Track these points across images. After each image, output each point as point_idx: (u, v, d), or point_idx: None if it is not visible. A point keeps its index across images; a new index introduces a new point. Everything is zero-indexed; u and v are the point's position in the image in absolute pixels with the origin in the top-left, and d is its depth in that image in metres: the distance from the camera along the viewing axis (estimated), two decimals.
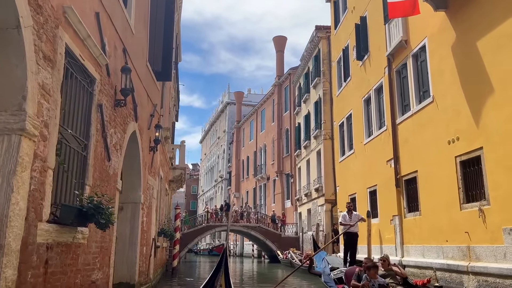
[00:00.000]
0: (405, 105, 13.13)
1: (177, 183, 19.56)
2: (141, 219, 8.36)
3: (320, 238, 23.34)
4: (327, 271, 10.15)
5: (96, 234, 5.36)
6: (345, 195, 18.33)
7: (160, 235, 12.71)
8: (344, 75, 18.92)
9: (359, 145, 16.61)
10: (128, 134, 7.10)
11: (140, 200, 8.24)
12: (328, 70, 24.45)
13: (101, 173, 5.56)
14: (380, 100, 15.10)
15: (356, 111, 17.20)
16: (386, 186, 13.91)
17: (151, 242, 9.64)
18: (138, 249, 8.15)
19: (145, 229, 8.97)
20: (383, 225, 14.18)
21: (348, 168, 18.10)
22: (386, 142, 14.05)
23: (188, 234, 28.72)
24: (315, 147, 25.40)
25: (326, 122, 23.94)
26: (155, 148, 9.40)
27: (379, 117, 15.15)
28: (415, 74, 12.43)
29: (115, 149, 6.33)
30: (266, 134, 39.63)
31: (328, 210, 23.02)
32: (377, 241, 14.51)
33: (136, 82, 7.79)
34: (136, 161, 8.11)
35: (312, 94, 26.44)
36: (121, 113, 6.65)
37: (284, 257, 24.08)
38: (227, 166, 53.53)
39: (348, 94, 18.30)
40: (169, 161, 16.44)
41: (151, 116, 9.33)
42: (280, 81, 36.19)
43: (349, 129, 18.32)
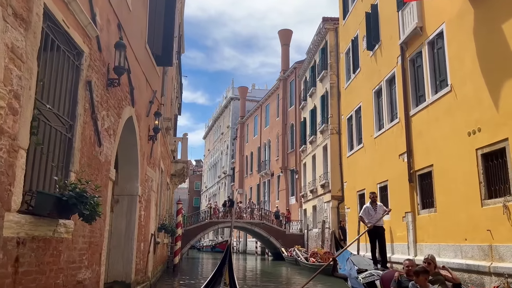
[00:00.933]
0: (419, 96, 12.44)
1: (179, 178, 18.95)
2: (138, 212, 7.75)
3: (326, 235, 22.69)
4: (353, 274, 9.08)
5: (84, 228, 4.74)
6: (353, 191, 17.67)
7: (160, 231, 12.11)
8: (353, 67, 18.22)
9: (369, 139, 15.93)
10: (123, 119, 6.47)
11: (138, 192, 7.63)
12: (335, 63, 23.75)
13: (90, 159, 4.93)
14: (392, 92, 14.41)
15: (365, 103, 16.51)
16: (398, 181, 13.24)
17: (150, 238, 9.04)
18: (135, 245, 7.54)
19: (143, 223, 8.36)
20: (394, 222, 13.51)
21: (356, 163, 17.42)
22: (398, 135, 13.36)
23: (190, 230, 28.18)
24: (321, 142, 24.73)
25: (333, 116, 23.25)
26: (154, 137, 8.78)
27: (390, 109, 14.46)
28: (431, 62, 11.73)
29: (108, 134, 5.70)
30: (270, 129, 38.97)
31: (334, 206, 22.36)
32: (388, 239, 13.83)
33: (133, 64, 7.16)
34: (133, 150, 7.48)
35: (319, 87, 25.75)
36: (115, 95, 6.01)
37: (289, 254, 23.46)
38: (230, 162, 52.92)
39: (357, 86, 17.60)
40: (171, 154, 15.83)
41: (150, 102, 8.71)
42: (285, 75, 35.48)
43: (358, 123, 17.63)
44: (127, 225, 7.45)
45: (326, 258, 16.40)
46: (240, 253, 42.06)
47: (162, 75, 10.64)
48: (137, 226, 7.65)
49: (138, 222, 7.78)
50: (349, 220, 18.29)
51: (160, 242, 11.76)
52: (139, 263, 8.04)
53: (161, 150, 12.52)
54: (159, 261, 13.12)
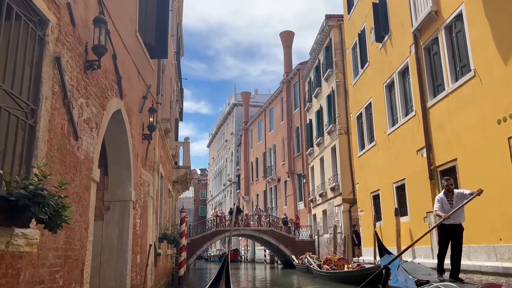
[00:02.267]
0: (437, 85, 11.50)
1: (182, 185, 18.02)
2: (132, 220, 6.83)
3: (338, 241, 21.64)
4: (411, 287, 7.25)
5: (56, 239, 3.83)
6: (366, 193, 16.68)
7: (161, 241, 11.17)
8: (361, 62, 17.32)
9: (382, 136, 14.97)
10: (109, 112, 5.58)
11: (131, 197, 6.71)
12: (341, 60, 22.87)
13: (63, 155, 4.03)
14: (406, 84, 13.48)
15: (376, 99, 15.58)
16: (417, 179, 12.26)
17: (148, 249, 8.11)
18: (129, 257, 6.61)
19: (139, 233, 7.44)
20: (414, 223, 12.51)
21: (369, 162, 16.45)
22: (415, 130, 12.41)
23: (196, 240, 27.24)
24: (329, 144, 23.76)
25: (340, 115, 22.31)
26: (149, 137, 7.88)
27: (404, 103, 13.52)
28: (449, 48, 10.80)
29: (89, 127, 4.81)
30: (275, 134, 38.05)
31: (346, 210, 21.34)
32: (408, 242, 12.82)
33: (121, 51, 6.29)
34: (124, 150, 6.59)
35: (324, 87, 24.84)
36: (98, 82, 5.13)
37: (300, 262, 22.39)
38: (235, 169, 51.97)
39: (366, 81, 16.69)
40: (172, 160, 14.93)
41: (143, 98, 7.83)
42: (289, 78, 34.63)
43: (368, 120, 16.69)
44: (120, 235, 6.53)
45: (340, 265, 15.36)
46: (248, 262, 40.93)
47: (157, 70, 9.79)
48: (131, 235, 6.73)
49: (132, 232, 6.86)
50: (363, 223, 17.28)
51: (161, 253, 10.82)
52: (136, 278, 7.11)
53: (160, 154, 11.63)
54: (162, 274, 12.17)
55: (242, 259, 43.09)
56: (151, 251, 8.34)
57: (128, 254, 6.53)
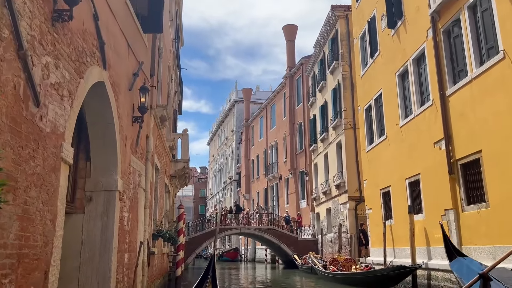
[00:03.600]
0: (458, 71, 10.56)
1: (181, 180, 17.07)
2: (118, 213, 5.89)
3: (343, 240, 20.70)
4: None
5: (3, 231, 2.88)
6: (375, 190, 15.73)
7: (156, 239, 10.22)
8: (371, 51, 16.37)
9: (394, 128, 14.02)
10: (88, 81, 4.63)
11: (117, 187, 5.76)
12: (347, 52, 21.92)
13: (16, 123, 3.09)
14: (421, 71, 12.53)
15: (388, 89, 14.63)
16: (433, 174, 11.32)
17: (139, 247, 7.17)
18: (114, 256, 5.67)
19: (127, 228, 6.50)
20: (430, 222, 11.57)
21: (378, 157, 15.50)
22: (432, 120, 11.46)
23: (195, 238, 26.32)
24: (334, 139, 22.80)
25: (347, 109, 21.35)
26: (141, 120, 6.94)
27: (420, 92, 12.58)
28: (473, 29, 9.85)
29: (58, 94, 3.86)
30: (277, 130, 37.06)
31: (352, 208, 20.37)
32: (423, 242, 11.91)
33: (106, 13, 5.35)
34: (108, 131, 5.64)
35: (329, 80, 23.88)
36: (72, 41, 4.19)
37: (303, 262, 21.44)
38: (236, 167, 50.99)
39: (376, 71, 15.74)
40: (169, 152, 13.98)
41: (134, 75, 6.88)
42: (292, 73, 33.63)
43: (378, 112, 15.74)
44: (104, 230, 5.59)
45: (348, 266, 14.43)
46: (248, 261, 39.97)
47: (152, 49, 8.83)
48: (117, 231, 5.78)
49: (119, 226, 5.92)
50: (371, 222, 16.33)
51: (155, 252, 9.88)
52: (122, 280, 6.17)
53: (156, 143, 10.68)
54: (156, 274, 11.23)
55: (242, 259, 42.14)
56: (142, 249, 7.40)
57: (113, 253, 5.58)
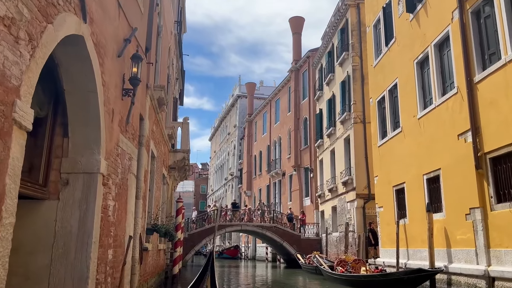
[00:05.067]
0: (490, 55, 9.53)
1: (180, 172, 16.09)
2: (101, 201, 4.90)
3: (350, 240, 19.70)
4: None
5: None
6: (387, 187, 14.73)
7: (150, 233, 9.24)
8: (385, 38, 15.35)
9: (411, 120, 13.00)
10: (58, 29, 3.63)
11: (99, 168, 4.78)
12: (358, 42, 20.89)
13: None
14: (444, 57, 11.51)
15: (404, 79, 13.61)
16: (457, 169, 10.31)
17: (128, 242, 6.19)
18: (95, 252, 4.68)
19: (113, 220, 5.51)
20: (451, 221, 10.57)
21: (392, 152, 14.49)
22: (456, 110, 10.45)
23: (195, 235, 25.38)
24: (341, 134, 21.78)
25: (356, 103, 20.32)
26: (132, 94, 5.94)
27: (442, 80, 11.56)
28: (508, 7, 8.83)
29: (10, 33, 2.87)
30: (281, 125, 36.04)
31: (360, 206, 19.36)
32: (442, 243, 10.91)
33: None
34: (90, 101, 4.65)
35: (338, 73, 22.85)
36: None
37: (307, 261, 20.45)
38: (238, 163, 49.99)
39: (391, 60, 14.72)
40: (168, 141, 12.99)
41: (125, 41, 5.88)
42: (298, 66, 32.58)
43: (393, 104, 14.72)
44: (82, 221, 4.61)
45: (357, 267, 13.43)
46: (249, 259, 39.01)
47: (148, 18, 7.82)
48: (98, 222, 4.80)
49: (102, 217, 4.94)
50: (381, 221, 15.32)
51: (149, 248, 8.90)
52: (105, 280, 5.19)
53: (152, 129, 9.70)
54: (151, 272, 10.26)
55: (242, 257, 41.18)
56: (132, 245, 6.42)
57: (93, 248, 4.60)
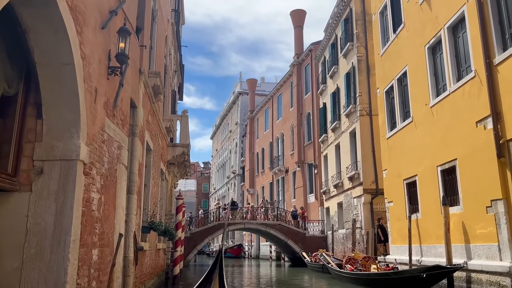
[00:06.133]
0: (511, 34, 8.81)
1: (180, 168, 15.41)
2: (82, 193, 4.22)
3: (358, 237, 19.00)
4: None
5: None
6: (397, 180, 14.02)
7: (147, 231, 8.56)
8: (393, 25, 14.64)
9: (422, 109, 12.29)
10: None
11: (79, 155, 4.09)
12: (363, 32, 20.17)
13: None
14: (459, 40, 10.79)
15: (414, 66, 12.90)
16: (475, 158, 9.61)
17: (118, 241, 5.50)
18: (74, 253, 4.00)
19: (98, 215, 4.82)
20: (470, 215, 9.87)
21: (402, 144, 13.79)
22: (474, 95, 9.74)
23: (197, 234, 24.70)
24: (347, 128, 21.07)
25: (362, 94, 19.60)
26: (120, 73, 5.24)
27: (456, 65, 10.84)
28: None
29: None
30: (283, 121, 35.32)
31: (367, 202, 18.66)
32: (460, 238, 10.21)
33: None
34: (66, 75, 3.97)
35: (342, 65, 22.13)
36: None
37: (313, 260, 19.77)
38: (240, 161, 49.31)
39: (400, 47, 14.00)
40: (166, 135, 12.31)
41: (111, 12, 5.19)
42: (300, 60, 31.84)
43: (402, 93, 14.01)
44: (58, 216, 3.93)
45: (368, 265, 12.74)
46: (252, 258, 38.35)
47: None
48: (79, 217, 4.12)
49: (83, 211, 4.26)
50: (392, 216, 14.62)
51: (144, 247, 8.21)
52: (88, 285, 4.49)
53: (148, 119, 9.02)
54: (148, 274, 9.59)
55: (245, 255, 40.52)
56: (123, 244, 5.74)
57: (72, 247, 3.92)
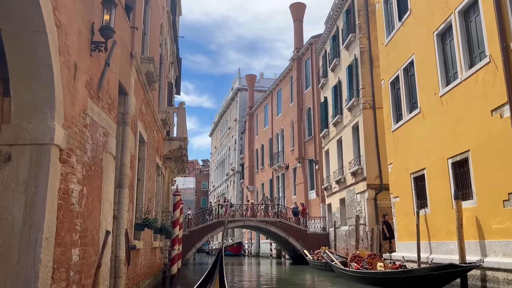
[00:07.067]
0: None
1: (177, 163, 14.82)
2: (58, 183, 3.63)
3: (361, 234, 18.45)
4: None
5: None
6: (403, 175, 13.46)
7: (141, 229, 7.97)
8: (399, 13, 14.05)
9: (431, 99, 11.72)
10: None
11: (53, 138, 3.50)
12: (365, 23, 19.57)
13: None
14: (471, 25, 10.20)
15: (422, 54, 12.32)
16: (491, 149, 9.04)
17: (104, 239, 4.90)
18: (47, 253, 3.41)
19: (79, 209, 4.22)
20: (485, 209, 9.30)
21: (408, 136, 13.21)
22: (489, 82, 9.16)
23: (196, 232, 24.20)
24: (349, 122, 20.49)
25: (365, 87, 19.02)
26: (105, 49, 4.63)
27: (468, 51, 10.26)
28: None
29: None
30: (283, 117, 34.72)
31: (371, 198, 18.09)
32: (473, 234, 9.65)
33: None
34: (37, 45, 3.37)
35: (344, 57, 21.53)
36: None
37: (316, 257, 19.21)
38: (239, 158, 48.73)
39: (406, 35, 13.42)
40: (162, 127, 11.71)
41: None
42: (300, 54, 31.23)
43: (409, 83, 13.43)
44: (28, 210, 3.34)
45: (374, 263, 12.18)
46: (252, 256, 37.82)
47: None
48: (54, 212, 3.54)
49: (60, 205, 3.67)
50: (397, 212, 14.06)
51: (137, 246, 7.62)
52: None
53: (141, 108, 8.43)
54: (143, 274, 9.01)
55: (245, 253, 39.99)
56: (111, 242, 5.16)
57: (44, 246, 3.34)
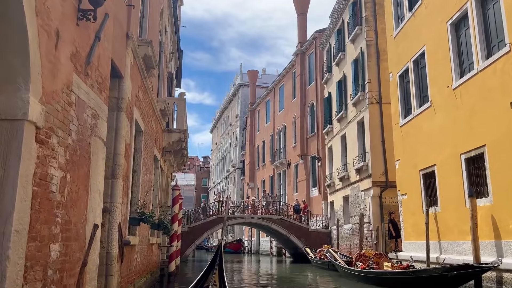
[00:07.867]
0: None
1: (177, 157, 14.31)
2: (33, 167, 3.10)
3: (365, 232, 17.94)
4: None
5: None
6: (412, 171, 12.94)
7: (136, 223, 7.45)
8: (409, 3, 13.51)
9: (443, 92, 11.18)
10: None
11: (26, 114, 2.97)
12: (372, 15, 19.02)
13: None
14: (488, 13, 9.65)
15: (434, 45, 11.78)
16: (509, 144, 8.50)
17: (92, 233, 4.38)
18: (18, 249, 2.89)
19: (60, 199, 3.68)
20: (501, 207, 8.78)
21: (418, 131, 12.68)
22: (509, 73, 8.63)
23: (196, 228, 23.71)
24: (354, 117, 19.95)
25: (371, 81, 18.48)
26: (94, 18, 4.07)
27: (485, 40, 9.71)
28: None
29: None
30: (285, 113, 34.18)
31: (376, 195, 17.58)
32: (489, 234, 9.12)
33: None
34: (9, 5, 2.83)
35: (350, 51, 20.98)
36: None
37: (318, 256, 18.70)
38: (240, 155, 48.25)
39: (417, 26, 12.87)
40: (161, 118, 11.18)
41: None
42: (303, 49, 30.66)
43: (419, 76, 12.90)
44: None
45: (381, 263, 11.67)
46: (252, 253, 37.34)
47: None
48: (29, 199, 3.01)
49: (36, 192, 3.15)
50: (405, 210, 13.55)
51: (132, 241, 7.11)
52: None
53: (138, 95, 7.90)
54: (139, 271, 8.50)
55: (245, 251, 39.52)
56: (99, 237, 4.63)
57: (14, 241, 2.81)
